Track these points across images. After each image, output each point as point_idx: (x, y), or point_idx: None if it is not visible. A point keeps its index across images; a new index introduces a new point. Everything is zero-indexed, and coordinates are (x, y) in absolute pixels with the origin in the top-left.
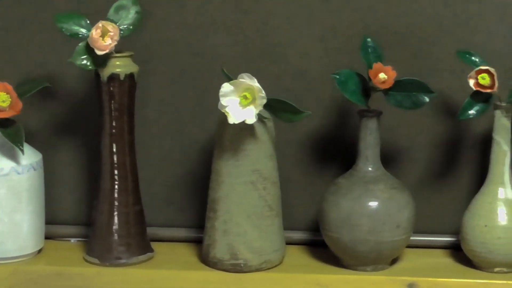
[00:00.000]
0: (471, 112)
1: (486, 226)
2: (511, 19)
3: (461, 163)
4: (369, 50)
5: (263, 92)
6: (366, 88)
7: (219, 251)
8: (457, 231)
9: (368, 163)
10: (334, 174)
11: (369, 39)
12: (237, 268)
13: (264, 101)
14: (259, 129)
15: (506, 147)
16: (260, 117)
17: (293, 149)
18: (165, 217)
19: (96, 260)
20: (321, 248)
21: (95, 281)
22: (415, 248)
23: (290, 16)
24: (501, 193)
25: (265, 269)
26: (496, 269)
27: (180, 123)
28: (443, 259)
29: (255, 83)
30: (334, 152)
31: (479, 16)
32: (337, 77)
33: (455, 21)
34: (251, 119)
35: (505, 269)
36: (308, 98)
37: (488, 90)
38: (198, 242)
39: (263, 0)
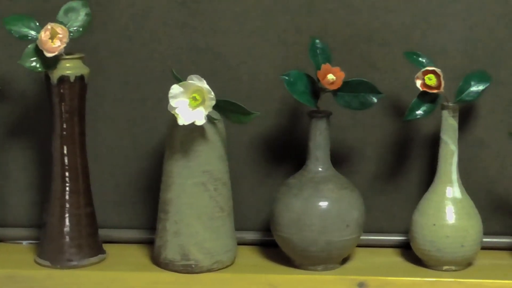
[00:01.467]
0: (418, 112)
1: (434, 225)
2: (458, 20)
3: (410, 163)
4: (318, 51)
5: (212, 93)
6: (315, 89)
7: (170, 252)
8: (407, 230)
9: (318, 163)
10: (285, 175)
11: (317, 41)
12: (188, 269)
13: (213, 102)
14: (210, 130)
15: (453, 147)
16: (210, 119)
17: (245, 150)
18: (117, 218)
19: (47, 263)
20: (273, 248)
21: (46, 284)
22: (365, 247)
23: (240, 18)
24: (449, 192)
25: (217, 270)
26: (445, 267)
27: (131, 125)
28: (393, 258)
29: (204, 85)
30: (285, 152)
31: (427, 17)
32: (286, 78)
33: (403, 22)
34: (200, 121)
35: (453, 267)
36: (258, 99)
37: (435, 91)
38: (150, 244)
39: (213, 2)
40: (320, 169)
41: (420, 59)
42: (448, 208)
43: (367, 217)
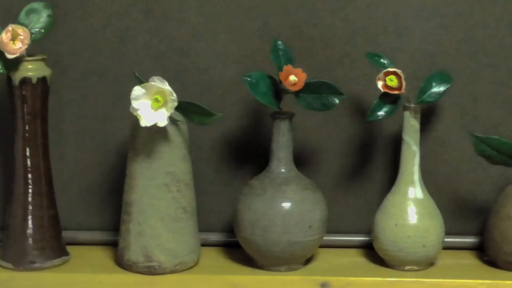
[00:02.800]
0: (380, 113)
1: (396, 225)
2: (420, 21)
3: (373, 163)
4: (280, 53)
5: (174, 95)
6: (278, 90)
7: (134, 253)
8: (369, 231)
9: (281, 164)
10: (248, 176)
11: (279, 42)
12: (151, 271)
13: (175, 103)
14: (172, 132)
15: (415, 148)
16: (172, 120)
17: (208, 151)
18: (81, 220)
19: (9, 265)
20: (237, 249)
21: (9, 286)
22: (329, 248)
23: (202, 20)
24: (411, 192)
25: (180, 271)
26: (407, 267)
27: (95, 126)
28: (356, 258)
29: (166, 86)
30: (248, 153)
31: (388, 18)
32: (248, 79)
33: (365, 24)
34: (162, 122)
35: (415, 267)
36: (222, 101)
37: (396, 92)
38: (114, 245)
39: (176, 4)
40: (282, 170)
41: (381, 60)
42: (410, 208)
43: (330, 218)
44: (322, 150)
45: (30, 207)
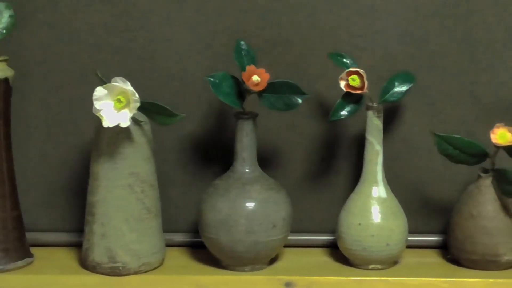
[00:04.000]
0: (343, 113)
1: (360, 224)
2: (382, 21)
3: (337, 163)
4: (243, 53)
5: (137, 95)
6: (241, 90)
7: (98, 254)
8: (334, 230)
9: (245, 164)
10: (213, 176)
11: (242, 42)
12: (115, 271)
13: (138, 104)
14: (136, 132)
15: (378, 147)
16: (136, 121)
17: (172, 152)
18: (45, 221)
19: None
20: (202, 249)
21: None
22: (293, 248)
23: (166, 20)
24: (375, 191)
25: (144, 272)
26: (371, 266)
27: (58, 127)
28: (320, 257)
29: (128, 87)
30: (212, 154)
31: (351, 18)
32: (211, 79)
33: (328, 24)
34: (125, 123)
35: (379, 266)
36: (186, 101)
37: (359, 91)
38: (78, 246)
39: (140, 3)
40: (247, 170)
41: (344, 60)
42: (374, 207)
43: (295, 218)
44: (286, 150)
45: None
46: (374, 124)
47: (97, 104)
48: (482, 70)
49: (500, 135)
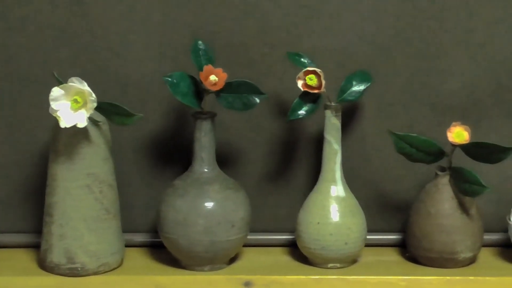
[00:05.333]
0: (301, 112)
1: (318, 223)
2: (340, 20)
3: (297, 162)
4: (200, 52)
5: (94, 95)
6: (199, 90)
7: (56, 255)
8: (293, 229)
9: (204, 164)
10: (172, 176)
11: (200, 42)
12: (74, 272)
13: (95, 104)
14: (94, 133)
15: (336, 146)
16: (93, 121)
17: (131, 152)
18: (4, 223)
19: None
20: (161, 249)
21: None
22: (253, 247)
23: (124, 20)
24: (333, 190)
25: (103, 272)
26: (330, 265)
27: (15, 128)
28: (280, 256)
29: (85, 87)
30: (172, 154)
31: (309, 18)
32: (169, 79)
33: (286, 23)
34: (82, 123)
35: (338, 265)
36: (144, 101)
37: (316, 91)
38: (37, 248)
39: (96, 3)
40: (205, 170)
41: (301, 59)
42: (332, 206)
43: (254, 217)
44: (245, 149)
45: None
46: (332, 123)
47: (53, 105)
48: (439, 69)
49: (457, 134)
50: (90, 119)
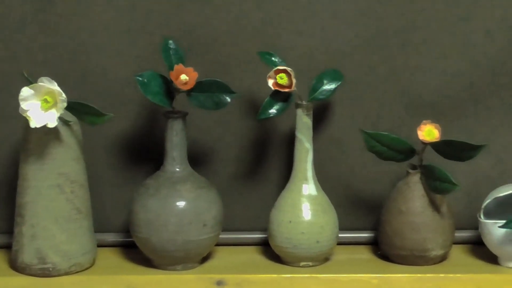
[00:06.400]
0: (271, 111)
1: (290, 222)
2: (311, 20)
3: (268, 161)
4: (171, 52)
5: (64, 95)
6: (170, 89)
7: (27, 256)
8: (265, 228)
9: (175, 164)
10: (144, 176)
11: (170, 41)
12: (45, 273)
13: (65, 104)
14: (64, 133)
15: (308, 145)
16: (64, 121)
17: (103, 152)
18: None
19: None
20: (133, 249)
21: None
22: (225, 246)
23: (95, 19)
24: (305, 189)
25: (75, 272)
26: (302, 263)
27: None
28: (252, 255)
29: (55, 87)
30: (143, 153)
31: (280, 17)
32: (140, 79)
33: (257, 23)
34: (52, 123)
35: (310, 263)
36: (115, 100)
37: (287, 90)
38: (8, 248)
39: (69, 3)
40: (177, 169)
41: (272, 58)
42: (304, 205)
43: (227, 216)
44: (217, 148)
45: None
46: (304, 122)
47: (23, 105)
48: (409, 68)
49: (427, 132)
50: (61, 119)
